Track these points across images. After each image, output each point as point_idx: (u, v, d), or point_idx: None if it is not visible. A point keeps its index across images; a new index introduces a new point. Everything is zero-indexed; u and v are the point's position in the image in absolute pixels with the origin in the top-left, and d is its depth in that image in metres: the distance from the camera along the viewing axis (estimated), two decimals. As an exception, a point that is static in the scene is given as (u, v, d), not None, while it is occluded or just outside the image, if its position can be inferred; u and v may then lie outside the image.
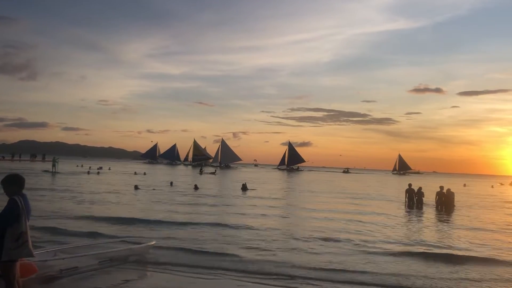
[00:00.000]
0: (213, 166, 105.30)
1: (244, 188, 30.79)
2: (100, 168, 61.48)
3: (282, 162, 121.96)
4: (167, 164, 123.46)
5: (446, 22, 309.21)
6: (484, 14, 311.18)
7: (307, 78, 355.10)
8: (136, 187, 27.90)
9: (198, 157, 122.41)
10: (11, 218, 4.75)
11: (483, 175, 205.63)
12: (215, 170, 72.79)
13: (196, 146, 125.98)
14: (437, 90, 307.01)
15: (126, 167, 76.39)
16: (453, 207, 21.76)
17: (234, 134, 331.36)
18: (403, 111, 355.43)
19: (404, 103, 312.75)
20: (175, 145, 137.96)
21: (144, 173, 54.27)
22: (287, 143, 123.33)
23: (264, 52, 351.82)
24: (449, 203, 21.76)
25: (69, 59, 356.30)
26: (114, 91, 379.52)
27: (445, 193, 22.03)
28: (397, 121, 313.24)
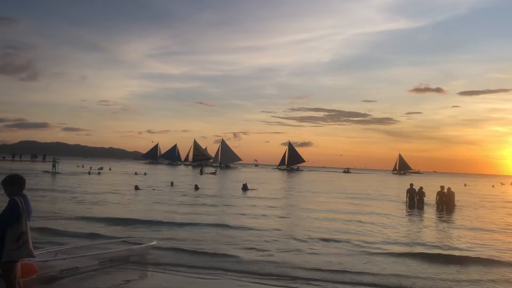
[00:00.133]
0: (213, 166, 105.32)
1: (244, 188, 30.81)
2: (101, 168, 61.54)
3: (282, 162, 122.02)
4: (168, 164, 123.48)
5: (446, 22, 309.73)
6: (484, 13, 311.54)
7: (308, 78, 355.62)
8: (137, 188, 27.90)
9: (198, 157, 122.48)
10: (11, 219, 4.75)
11: (484, 175, 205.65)
12: (215, 170, 72.80)
13: (196, 146, 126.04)
14: (438, 90, 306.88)
15: (126, 168, 76.40)
16: (454, 207, 21.76)
17: (234, 134, 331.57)
18: (403, 111, 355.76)
19: (404, 103, 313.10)
20: (175, 145, 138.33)
21: (144, 173, 54.29)
22: (287, 143, 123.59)
23: (265, 52, 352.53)
24: (450, 203, 21.74)
25: (69, 60, 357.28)
26: (114, 91, 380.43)
27: (445, 193, 22.02)
28: (397, 121, 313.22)
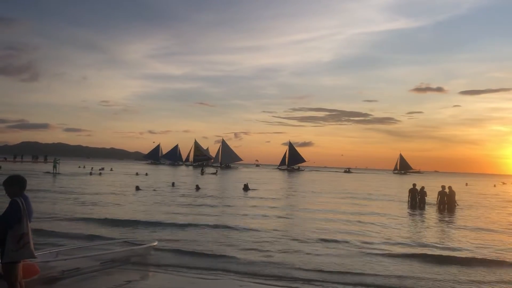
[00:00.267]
0: (214, 166, 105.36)
1: (246, 188, 30.82)
2: (102, 169, 61.61)
3: (283, 162, 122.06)
4: (169, 164, 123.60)
5: (447, 21, 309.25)
6: (485, 12, 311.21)
7: (308, 78, 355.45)
8: (137, 188, 27.92)
9: (199, 158, 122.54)
10: (12, 220, 4.76)
11: (485, 174, 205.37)
12: (216, 171, 72.82)
13: (197, 146, 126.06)
14: (439, 89, 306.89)
15: (128, 168, 76.43)
16: (455, 207, 21.68)
17: (235, 135, 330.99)
18: (404, 110, 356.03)
19: (405, 103, 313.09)
20: (177, 145, 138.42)
21: (145, 173, 54.32)
22: (288, 143, 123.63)
23: (265, 52, 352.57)
24: (451, 203, 21.69)
25: (70, 60, 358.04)
26: (115, 91, 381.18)
27: (447, 193, 21.98)
28: (398, 121, 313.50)
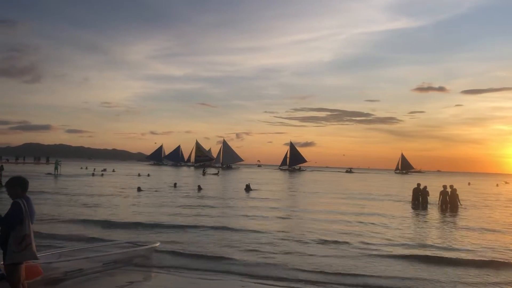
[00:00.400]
0: (215, 167, 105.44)
1: (247, 189, 30.83)
2: (104, 170, 61.64)
3: (284, 162, 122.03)
4: (172, 165, 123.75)
5: (448, 21, 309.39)
6: (486, 12, 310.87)
7: (310, 78, 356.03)
8: (139, 189, 27.94)
9: (200, 158, 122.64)
10: (14, 221, 4.77)
11: (488, 174, 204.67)
12: (217, 171, 72.91)
13: (198, 147, 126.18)
14: (441, 89, 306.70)
15: (130, 169, 76.51)
16: (458, 207, 21.55)
17: (237, 135, 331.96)
18: (406, 110, 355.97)
19: (407, 102, 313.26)
20: (179, 146, 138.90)
21: (148, 174, 54.36)
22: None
23: (267, 53, 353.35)
24: (453, 203, 21.62)
25: (72, 61, 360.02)
26: (117, 92, 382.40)
27: (449, 193, 21.93)
28: (400, 120, 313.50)
